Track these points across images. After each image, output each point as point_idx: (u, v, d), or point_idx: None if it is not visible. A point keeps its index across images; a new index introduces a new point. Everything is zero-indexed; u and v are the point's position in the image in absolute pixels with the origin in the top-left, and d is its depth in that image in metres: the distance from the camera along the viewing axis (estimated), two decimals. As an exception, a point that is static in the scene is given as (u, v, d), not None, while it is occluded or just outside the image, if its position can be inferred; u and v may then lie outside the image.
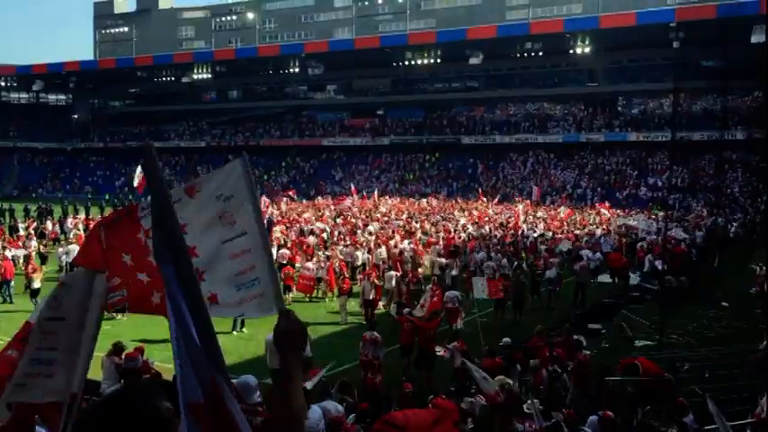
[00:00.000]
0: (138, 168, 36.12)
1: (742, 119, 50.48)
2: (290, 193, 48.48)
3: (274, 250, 24.60)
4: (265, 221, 21.72)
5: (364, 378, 12.79)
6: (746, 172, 48.34)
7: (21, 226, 31.82)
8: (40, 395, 3.65)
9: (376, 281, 18.68)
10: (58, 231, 31.67)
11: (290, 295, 20.41)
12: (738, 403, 9.91)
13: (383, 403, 10.22)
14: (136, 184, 34.37)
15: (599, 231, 31.39)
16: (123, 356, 11.11)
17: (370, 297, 18.02)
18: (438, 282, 18.07)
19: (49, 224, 32.90)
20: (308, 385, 8.73)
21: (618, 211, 41.93)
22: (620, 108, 58.80)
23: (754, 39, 45.11)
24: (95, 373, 11.30)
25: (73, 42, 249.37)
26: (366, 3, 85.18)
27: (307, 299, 21.43)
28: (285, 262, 22.28)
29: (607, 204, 42.68)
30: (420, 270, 21.76)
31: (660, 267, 20.12)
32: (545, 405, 9.69)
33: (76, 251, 23.96)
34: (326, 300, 21.40)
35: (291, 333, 2.17)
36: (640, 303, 20.25)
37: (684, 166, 49.31)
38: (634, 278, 23.70)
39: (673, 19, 48.55)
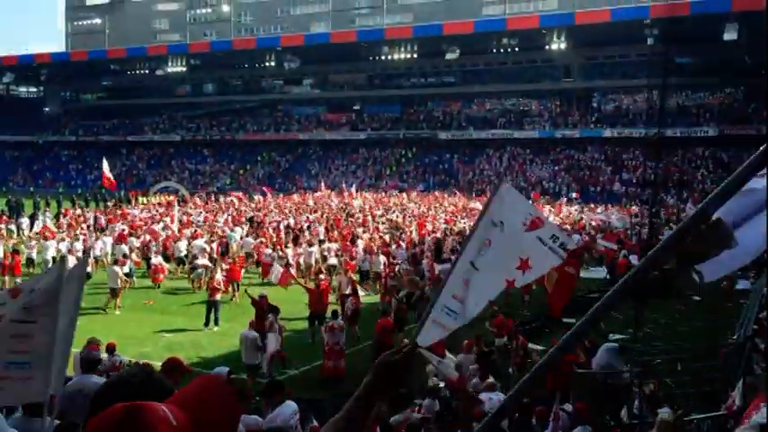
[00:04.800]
0: (105, 163, 36.02)
1: (714, 115, 51.21)
2: (266, 189, 48.39)
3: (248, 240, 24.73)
4: (245, 219, 21.65)
5: (325, 366, 12.96)
6: (718, 167, 49.02)
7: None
8: (17, 398, 3.58)
9: (352, 276, 18.68)
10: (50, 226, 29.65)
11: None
12: (710, 395, 10.02)
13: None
14: (104, 179, 34.79)
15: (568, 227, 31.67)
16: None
17: (347, 292, 17.95)
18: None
19: (24, 220, 32.26)
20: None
21: (579, 207, 42.23)
22: (594, 104, 59.29)
23: (726, 36, 45.79)
24: (70, 371, 11.14)
25: (44, 34, 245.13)
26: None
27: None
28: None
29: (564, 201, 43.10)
30: None
31: (635, 262, 20.32)
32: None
33: (53, 247, 23.63)
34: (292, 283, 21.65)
35: (398, 371, 1.94)
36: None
37: (658, 162, 49.79)
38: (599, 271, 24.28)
39: (647, 15, 49.00)
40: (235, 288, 19.77)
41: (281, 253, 22.98)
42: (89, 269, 21.66)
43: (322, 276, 18.74)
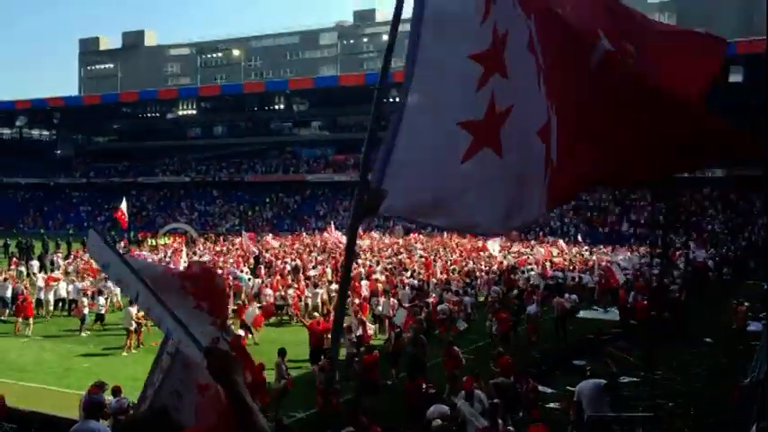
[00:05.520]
0: (123, 203, 37.40)
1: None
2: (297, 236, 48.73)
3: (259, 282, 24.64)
4: (252, 258, 21.84)
5: (322, 406, 12.85)
6: (727, 209, 48.92)
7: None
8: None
9: (363, 317, 18.56)
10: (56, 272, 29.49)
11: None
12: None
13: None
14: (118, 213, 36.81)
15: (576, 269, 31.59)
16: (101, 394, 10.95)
17: (358, 333, 17.63)
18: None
19: (35, 262, 32.36)
20: None
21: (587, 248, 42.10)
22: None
23: (731, 78, 46.21)
24: (74, 412, 11.10)
25: (58, 78, 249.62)
26: (351, 41, 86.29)
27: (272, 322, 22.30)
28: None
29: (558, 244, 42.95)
30: None
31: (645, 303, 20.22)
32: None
33: (62, 288, 23.71)
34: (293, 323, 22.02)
35: (226, 361, 2.18)
36: (625, 339, 20.26)
37: (666, 203, 49.72)
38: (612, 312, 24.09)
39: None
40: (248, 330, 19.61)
41: (283, 293, 23.14)
42: (102, 311, 21.60)
43: (316, 314, 19.69)
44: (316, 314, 19.80)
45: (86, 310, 21.13)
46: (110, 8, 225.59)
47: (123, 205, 38.91)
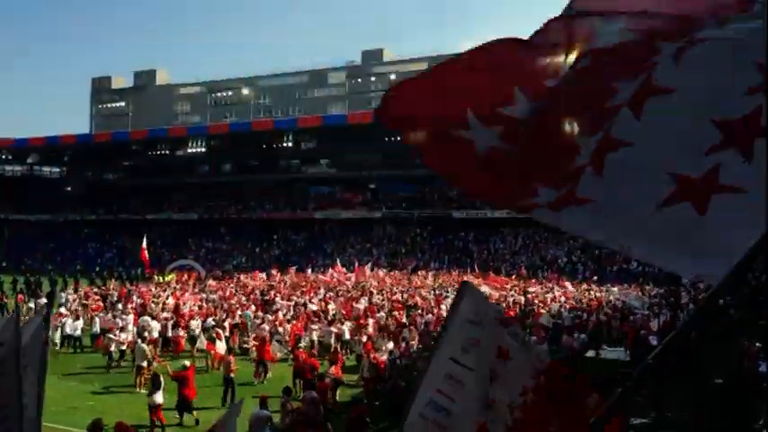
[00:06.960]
0: (144, 241, 39.71)
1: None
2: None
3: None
4: (258, 296, 21.76)
5: None
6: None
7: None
8: None
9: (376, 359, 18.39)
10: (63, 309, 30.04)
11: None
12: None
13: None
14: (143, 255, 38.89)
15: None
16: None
17: (365, 376, 17.55)
18: None
19: (42, 300, 32.32)
20: None
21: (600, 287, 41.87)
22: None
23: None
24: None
25: (70, 116, 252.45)
26: (359, 80, 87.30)
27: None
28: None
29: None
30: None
31: (655, 343, 19.98)
32: None
33: (68, 325, 23.68)
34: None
35: None
36: (635, 379, 19.99)
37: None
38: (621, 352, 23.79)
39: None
40: (264, 368, 19.41)
41: (280, 329, 22.98)
42: (123, 347, 21.34)
43: (301, 346, 20.05)
44: (301, 346, 20.08)
45: (113, 347, 20.97)
46: (122, 48, 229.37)
47: (144, 244, 41.30)
